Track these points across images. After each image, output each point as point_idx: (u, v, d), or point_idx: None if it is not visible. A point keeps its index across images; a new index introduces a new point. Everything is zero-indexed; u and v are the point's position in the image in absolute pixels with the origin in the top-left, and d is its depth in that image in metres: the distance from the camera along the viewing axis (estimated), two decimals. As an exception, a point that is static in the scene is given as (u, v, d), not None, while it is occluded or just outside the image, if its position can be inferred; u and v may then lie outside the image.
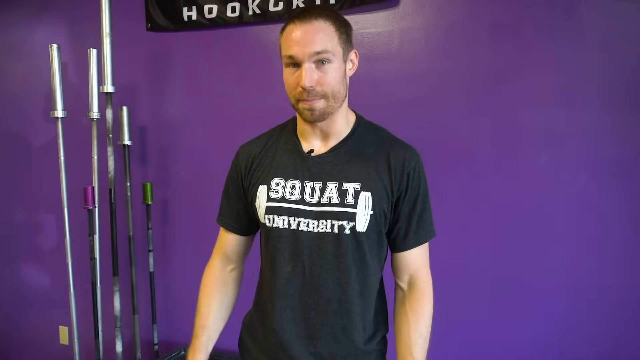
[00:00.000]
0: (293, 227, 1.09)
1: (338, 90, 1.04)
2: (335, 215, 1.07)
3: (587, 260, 1.88)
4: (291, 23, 1.02)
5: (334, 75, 1.02)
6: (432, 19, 2.01)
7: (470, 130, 1.99)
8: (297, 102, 1.06)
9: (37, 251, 2.82)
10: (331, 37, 1.01)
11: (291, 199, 1.10)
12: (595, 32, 1.82)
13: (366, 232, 1.08)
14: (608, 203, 1.84)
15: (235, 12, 2.27)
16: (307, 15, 1.01)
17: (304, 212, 1.09)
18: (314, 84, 1.00)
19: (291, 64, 1.03)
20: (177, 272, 2.53)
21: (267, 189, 1.12)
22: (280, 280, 1.12)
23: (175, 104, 2.47)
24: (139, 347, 2.47)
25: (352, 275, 1.10)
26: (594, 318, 1.88)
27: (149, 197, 2.41)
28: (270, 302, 1.15)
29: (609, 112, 1.82)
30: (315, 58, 1.00)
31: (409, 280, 1.17)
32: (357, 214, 1.06)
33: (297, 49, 1.00)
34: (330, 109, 1.06)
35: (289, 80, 1.05)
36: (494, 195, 1.97)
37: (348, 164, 1.10)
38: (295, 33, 1.00)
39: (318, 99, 1.03)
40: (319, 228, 1.08)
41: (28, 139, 2.78)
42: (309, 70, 1.00)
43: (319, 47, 0.99)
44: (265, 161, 1.16)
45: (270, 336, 1.15)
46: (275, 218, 1.11)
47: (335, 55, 1.02)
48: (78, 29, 2.61)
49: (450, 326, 2.03)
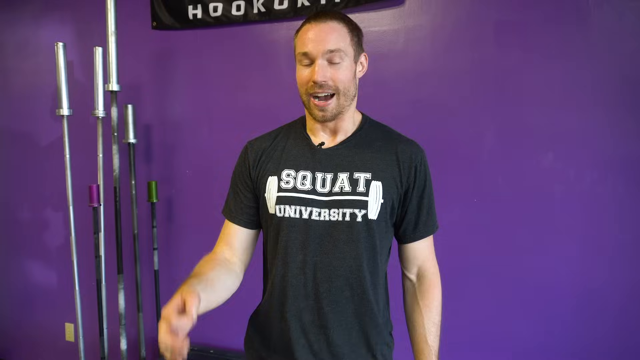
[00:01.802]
0: (305, 216, 1.12)
1: (348, 88, 1.10)
2: (347, 203, 1.10)
3: (592, 260, 1.87)
4: (307, 23, 1.09)
5: (345, 74, 1.08)
6: (437, 17, 2.00)
7: (476, 129, 1.98)
8: (308, 99, 1.10)
9: (42, 249, 2.84)
10: (344, 38, 1.07)
11: (302, 189, 1.13)
12: (603, 30, 1.81)
13: (377, 220, 1.11)
14: (614, 202, 1.83)
15: (240, 11, 2.27)
16: (322, 16, 1.08)
17: (315, 201, 1.12)
18: (327, 79, 1.06)
19: (305, 62, 1.08)
20: (182, 270, 2.53)
21: (278, 180, 1.15)
22: (292, 270, 1.13)
23: (180, 102, 2.47)
24: (143, 344, 2.48)
25: (364, 264, 1.12)
26: (599, 317, 1.87)
27: (154, 195, 2.41)
28: (282, 292, 1.15)
29: (615, 111, 1.81)
30: (329, 56, 1.05)
31: (417, 272, 1.23)
32: (369, 201, 1.10)
33: (312, 46, 1.05)
34: (341, 108, 1.11)
35: (301, 76, 1.10)
36: (498, 194, 1.96)
37: (358, 155, 1.15)
38: (311, 32, 1.06)
39: (330, 97, 1.08)
40: (330, 217, 1.11)
41: (34, 137, 2.79)
42: (322, 66, 1.05)
43: (333, 45, 1.05)
44: (274, 154, 1.19)
45: (282, 326, 1.16)
46: (286, 208, 1.13)
47: (347, 55, 1.07)
48: (83, 28, 2.61)
49: (453, 326, 2.02)
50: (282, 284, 1.15)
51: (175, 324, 0.85)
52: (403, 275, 1.26)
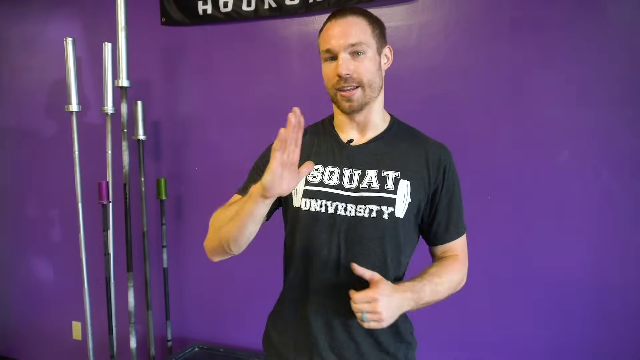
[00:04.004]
0: (330, 210, 1.12)
1: (373, 79, 1.10)
2: (375, 200, 1.10)
3: (607, 259, 1.85)
4: (328, 22, 1.11)
5: (368, 65, 1.08)
6: (451, 12, 1.98)
7: (490, 126, 1.96)
8: (335, 94, 1.11)
9: (51, 246, 2.82)
10: (364, 30, 1.08)
11: (329, 184, 1.13)
12: (619, 27, 1.79)
13: (403, 219, 1.11)
14: (630, 201, 1.81)
15: (251, 6, 2.25)
16: (342, 13, 1.10)
17: (342, 196, 1.12)
18: (350, 72, 1.06)
19: (329, 58, 1.10)
20: (191, 269, 2.52)
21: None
22: (316, 264, 1.13)
23: (190, 99, 2.45)
24: (152, 343, 2.46)
25: (387, 261, 1.12)
26: (612, 318, 1.85)
27: (163, 192, 2.39)
28: (304, 288, 1.15)
29: (633, 109, 1.79)
30: (351, 49, 1.07)
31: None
32: (397, 200, 1.10)
33: (334, 42, 1.07)
34: (368, 99, 1.11)
35: (327, 72, 1.11)
36: (513, 192, 1.94)
37: (387, 154, 1.15)
38: (332, 29, 1.09)
39: (354, 89, 1.08)
40: (356, 212, 1.11)
41: (42, 134, 2.78)
42: (345, 60, 1.07)
43: (354, 39, 1.06)
44: (304, 149, 1.15)
45: (304, 322, 1.14)
46: (312, 201, 1.13)
47: (370, 47, 1.09)
48: (92, 23, 2.60)
49: (460, 322, 2.00)
50: (305, 279, 1.15)
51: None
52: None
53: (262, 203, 0.95)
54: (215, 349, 2.36)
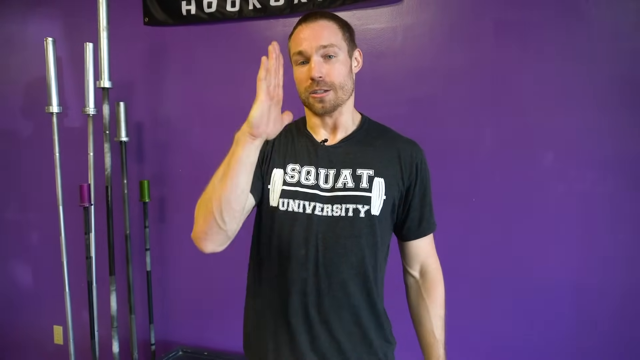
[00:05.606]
0: (308, 211, 1.13)
1: (345, 82, 1.12)
2: (351, 199, 1.12)
3: (590, 261, 1.86)
4: (299, 25, 1.13)
5: (340, 69, 1.10)
6: (436, 14, 1.98)
7: (474, 128, 1.96)
8: (307, 97, 1.12)
9: (31, 249, 2.77)
10: (335, 33, 1.11)
11: (306, 184, 1.14)
12: (602, 29, 1.80)
13: (379, 216, 1.13)
14: (613, 203, 1.82)
15: (235, 7, 2.23)
16: (313, 16, 1.12)
17: (318, 197, 1.13)
18: (323, 74, 1.08)
19: (300, 61, 1.11)
20: (174, 272, 2.49)
21: (283, 173, 1.16)
22: (294, 265, 1.12)
23: (173, 99, 2.43)
24: (135, 347, 2.43)
25: (365, 260, 1.13)
26: (596, 318, 1.86)
27: (146, 194, 2.36)
28: (283, 288, 1.14)
29: (614, 112, 1.80)
30: (323, 52, 1.08)
31: (420, 269, 1.27)
32: (372, 197, 1.12)
33: (306, 44, 1.09)
34: (340, 101, 1.13)
35: (299, 75, 1.13)
36: (497, 194, 1.94)
37: (360, 152, 1.17)
38: (303, 32, 1.10)
39: (327, 91, 1.10)
40: (333, 212, 1.12)
41: (22, 135, 2.73)
42: (318, 63, 1.08)
43: (325, 41, 1.08)
44: (280, 148, 1.20)
45: (283, 323, 1.14)
46: (290, 202, 1.14)
47: (341, 50, 1.11)
48: (74, 23, 2.55)
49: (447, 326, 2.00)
50: (283, 279, 1.14)
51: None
52: (405, 272, 1.29)
53: (251, 144, 0.95)
54: (200, 353, 2.33)
